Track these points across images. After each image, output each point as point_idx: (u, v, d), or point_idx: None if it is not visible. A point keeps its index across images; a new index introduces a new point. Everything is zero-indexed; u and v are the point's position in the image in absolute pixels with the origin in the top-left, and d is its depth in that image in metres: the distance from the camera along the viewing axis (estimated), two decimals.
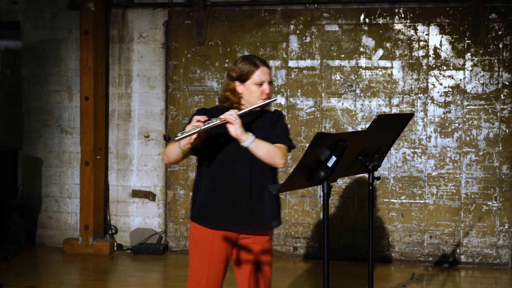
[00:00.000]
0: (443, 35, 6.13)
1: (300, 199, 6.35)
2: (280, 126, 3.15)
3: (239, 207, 3.06)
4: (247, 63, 3.12)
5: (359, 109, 6.27)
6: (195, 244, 3.15)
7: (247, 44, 6.41)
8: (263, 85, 3.10)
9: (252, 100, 3.11)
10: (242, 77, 3.11)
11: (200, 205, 3.12)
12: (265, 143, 3.00)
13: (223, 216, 3.07)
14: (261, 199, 3.08)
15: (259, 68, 3.10)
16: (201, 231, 3.12)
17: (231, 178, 3.06)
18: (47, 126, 6.77)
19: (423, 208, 6.18)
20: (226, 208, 3.06)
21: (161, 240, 6.64)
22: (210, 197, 3.09)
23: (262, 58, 3.19)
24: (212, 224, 3.09)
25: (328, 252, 2.72)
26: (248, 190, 3.06)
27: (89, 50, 6.35)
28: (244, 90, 3.12)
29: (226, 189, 3.06)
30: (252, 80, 3.09)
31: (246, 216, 3.07)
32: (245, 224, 3.08)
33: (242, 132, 2.93)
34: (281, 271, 5.91)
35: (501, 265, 6.07)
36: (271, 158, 3.00)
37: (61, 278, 5.70)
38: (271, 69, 3.16)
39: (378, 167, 3.07)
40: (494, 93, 6.06)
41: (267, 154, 2.99)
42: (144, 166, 6.66)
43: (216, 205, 3.08)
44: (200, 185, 3.14)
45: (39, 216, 6.83)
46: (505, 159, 6.05)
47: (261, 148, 2.98)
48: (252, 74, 3.09)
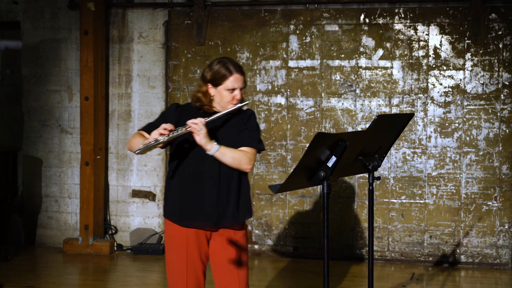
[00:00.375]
0: (443, 35, 6.13)
1: (300, 199, 6.35)
2: (250, 128, 3.20)
3: (208, 205, 3.12)
4: (222, 68, 3.15)
5: (359, 109, 6.27)
6: (171, 240, 3.21)
7: (247, 44, 6.41)
8: (235, 91, 3.15)
9: (223, 104, 3.16)
10: (215, 81, 3.15)
11: (171, 203, 3.19)
12: (231, 150, 3.08)
13: (192, 215, 3.14)
14: (228, 195, 3.14)
15: (232, 75, 3.14)
16: (174, 228, 3.19)
17: (199, 175, 3.12)
18: (47, 126, 6.78)
19: (423, 208, 6.18)
20: (195, 206, 3.13)
21: (161, 240, 6.64)
22: (179, 194, 3.16)
23: (237, 64, 3.21)
24: (179, 221, 3.16)
25: (328, 252, 2.73)
26: (216, 186, 3.12)
27: (89, 50, 6.35)
28: (216, 93, 3.16)
29: (193, 185, 3.13)
30: (224, 85, 3.14)
31: (211, 212, 3.12)
32: (214, 221, 3.14)
33: (206, 142, 3.00)
34: (281, 271, 5.91)
35: (501, 265, 6.07)
36: (237, 164, 3.08)
37: (61, 278, 5.70)
38: (245, 75, 3.21)
39: (378, 167, 3.07)
40: (494, 93, 6.06)
41: (232, 161, 3.07)
42: (144, 166, 6.66)
43: (186, 204, 3.14)
44: (171, 182, 3.20)
45: (39, 216, 6.83)
46: (505, 159, 6.05)
47: (226, 156, 3.05)
48: (225, 80, 3.13)
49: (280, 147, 6.37)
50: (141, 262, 6.19)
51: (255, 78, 6.40)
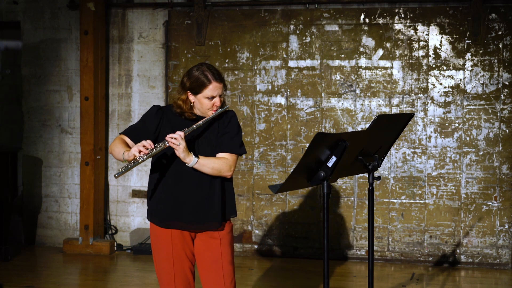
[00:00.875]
0: (443, 35, 6.13)
1: (300, 199, 6.35)
2: (231, 131, 3.22)
3: (186, 205, 3.15)
4: (201, 75, 3.16)
5: (359, 109, 6.27)
6: (156, 240, 3.23)
7: (247, 44, 6.41)
8: (214, 98, 3.17)
9: (203, 110, 3.19)
10: (194, 89, 3.18)
11: (154, 205, 3.22)
12: (210, 161, 3.12)
13: (170, 215, 3.17)
14: (210, 197, 3.16)
15: (211, 84, 3.15)
16: (157, 232, 3.22)
17: (179, 176, 3.15)
18: (47, 126, 6.77)
19: (423, 208, 6.18)
20: (177, 208, 3.16)
21: None
22: (161, 197, 3.19)
23: (216, 70, 3.22)
24: (160, 222, 3.20)
25: (328, 252, 2.73)
26: (197, 188, 3.15)
27: (89, 50, 6.35)
28: (196, 100, 3.20)
29: (174, 187, 3.16)
30: (203, 94, 3.16)
31: (192, 214, 3.15)
32: (191, 223, 3.17)
33: (185, 156, 3.03)
34: (281, 271, 5.91)
35: (501, 265, 6.07)
36: (217, 173, 3.13)
37: (61, 278, 5.70)
38: (224, 82, 3.23)
39: (378, 167, 3.07)
40: (494, 93, 6.06)
41: (212, 171, 3.11)
42: (144, 166, 6.65)
43: (165, 206, 3.18)
44: (152, 183, 3.24)
45: (39, 216, 6.83)
46: (505, 159, 6.05)
47: (205, 167, 3.10)
48: (203, 89, 3.15)
49: (280, 147, 6.37)
50: (141, 262, 6.19)
51: (255, 78, 6.40)
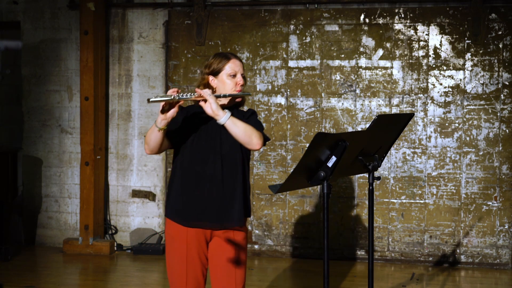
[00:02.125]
0: (443, 35, 6.13)
1: (300, 199, 6.35)
2: (252, 120, 3.16)
3: (210, 204, 3.08)
4: (219, 57, 3.15)
5: (359, 109, 6.27)
6: (171, 241, 3.17)
7: (247, 44, 6.41)
8: (236, 76, 3.12)
9: (226, 92, 3.11)
10: (214, 70, 3.13)
11: (173, 202, 3.15)
12: (242, 122, 2.98)
13: (194, 214, 3.10)
14: (232, 196, 3.10)
15: (230, 60, 3.13)
16: (176, 228, 3.15)
17: (202, 175, 3.09)
18: (47, 126, 6.78)
19: (423, 208, 6.18)
20: (197, 205, 3.09)
21: (161, 240, 6.64)
22: (182, 194, 3.12)
23: (235, 53, 3.21)
24: (183, 221, 3.12)
25: (328, 252, 2.73)
26: (220, 187, 3.08)
27: (89, 50, 6.35)
28: (218, 83, 3.13)
29: (197, 186, 3.09)
30: (225, 71, 3.11)
31: (216, 213, 3.09)
32: (215, 221, 3.11)
33: (217, 108, 2.89)
34: (281, 271, 5.91)
35: (501, 265, 6.07)
36: (249, 136, 2.95)
37: (61, 278, 5.70)
38: (243, 64, 3.19)
39: (378, 167, 3.07)
40: (494, 93, 6.06)
41: (244, 132, 2.94)
42: (144, 166, 6.66)
43: (187, 202, 3.11)
44: (174, 181, 3.16)
45: (39, 216, 6.83)
46: (505, 159, 6.05)
47: (238, 126, 2.93)
48: (224, 66, 3.11)
49: (280, 147, 6.37)
50: (141, 262, 6.19)
51: (255, 78, 6.40)
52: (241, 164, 3.14)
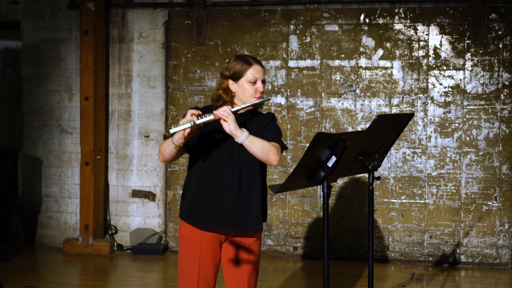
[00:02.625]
0: (443, 35, 6.13)
1: (300, 199, 6.35)
2: (272, 127, 3.13)
3: (227, 209, 3.05)
4: (241, 61, 3.09)
5: (359, 109, 6.27)
6: (184, 242, 3.14)
7: (247, 44, 6.41)
8: (256, 83, 3.08)
9: (245, 98, 3.07)
10: (235, 75, 3.08)
11: (189, 204, 3.12)
12: (260, 139, 2.98)
13: (210, 218, 3.07)
14: (250, 202, 3.08)
15: (252, 66, 3.07)
16: (190, 229, 3.12)
17: (220, 180, 3.05)
18: (47, 126, 6.78)
19: (423, 208, 6.18)
20: (214, 209, 3.06)
21: (161, 240, 6.64)
22: (198, 197, 3.09)
23: (256, 57, 3.16)
24: (199, 224, 3.09)
25: (328, 252, 2.73)
26: (237, 192, 3.05)
27: (89, 50, 6.35)
28: (238, 88, 3.08)
29: (215, 190, 3.06)
30: (246, 78, 3.06)
31: (233, 218, 3.06)
32: (231, 226, 3.08)
33: (236, 128, 2.90)
34: (281, 271, 5.91)
35: (501, 265, 6.07)
36: (266, 154, 2.97)
37: (61, 278, 5.70)
38: (264, 69, 3.14)
39: (378, 167, 3.07)
40: (494, 93, 6.06)
41: (261, 150, 2.96)
42: (144, 166, 6.66)
43: (204, 206, 3.07)
44: (190, 184, 3.13)
45: (39, 216, 6.83)
46: (505, 159, 6.05)
47: (255, 144, 2.95)
48: (245, 71, 3.06)
49: None
50: (141, 262, 6.19)
51: None
52: (259, 169, 3.11)
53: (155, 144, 6.62)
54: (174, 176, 6.55)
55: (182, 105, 6.51)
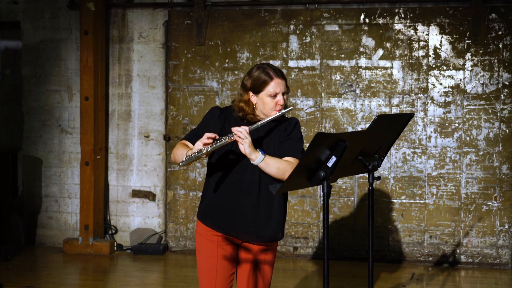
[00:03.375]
0: (443, 35, 6.13)
1: (300, 199, 6.35)
2: (294, 137, 3.12)
3: (246, 216, 3.04)
4: (262, 73, 3.05)
5: (359, 109, 6.27)
6: (202, 239, 3.14)
7: (247, 44, 6.41)
8: (277, 96, 3.05)
9: (266, 111, 3.06)
10: (255, 88, 3.06)
11: (207, 207, 3.11)
12: (275, 160, 2.97)
13: (228, 223, 3.06)
14: (269, 211, 3.06)
15: (273, 80, 3.04)
16: (207, 229, 3.13)
17: (240, 184, 3.04)
18: (47, 126, 6.78)
19: (423, 208, 6.18)
20: (232, 214, 3.05)
21: (161, 240, 6.64)
22: (217, 200, 3.07)
23: (278, 68, 3.12)
24: (216, 227, 3.09)
25: (328, 252, 2.73)
26: (256, 198, 3.04)
27: (89, 50, 6.35)
28: (258, 101, 3.07)
29: (234, 194, 3.05)
30: (266, 92, 3.04)
31: (251, 226, 3.05)
32: (250, 233, 3.06)
33: (251, 151, 2.89)
34: (281, 271, 5.91)
35: (501, 265, 6.07)
36: (282, 174, 2.97)
37: (61, 278, 5.70)
38: (286, 80, 3.11)
39: (378, 167, 3.07)
40: (494, 93, 6.06)
41: (277, 171, 2.96)
42: (144, 166, 6.66)
43: (223, 210, 3.06)
44: (209, 187, 3.12)
45: (39, 216, 6.83)
46: (505, 159, 6.05)
47: (271, 166, 2.95)
48: (266, 86, 3.04)
49: None
50: (141, 262, 6.19)
51: None
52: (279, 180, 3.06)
53: (155, 144, 6.62)
54: (174, 176, 6.55)
55: (182, 105, 6.51)
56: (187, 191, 6.51)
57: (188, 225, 6.53)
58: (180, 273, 5.83)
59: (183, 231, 6.55)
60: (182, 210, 6.55)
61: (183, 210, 6.54)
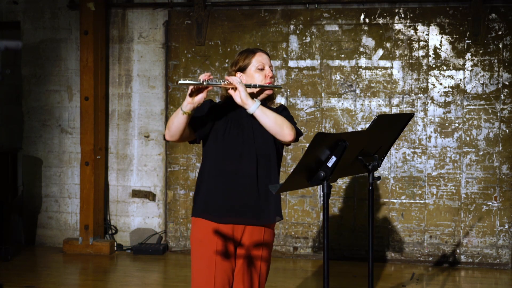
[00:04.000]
0: (443, 35, 6.13)
1: (300, 199, 6.35)
2: (285, 114, 3.06)
3: (245, 200, 2.99)
4: (244, 53, 3.10)
5: (359, 109, 6.27)
6: (199, 244, 3.06)
7: (247, 44, 6.40)
8: (264, 69, 3.05)
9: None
10: (241, 66, 3.06)
11: (204, 198, 3.04)
12: (272, 112, 2.91)
13: (228, 208, 2.99)
14: (267, 192, 3.02)
15: (256, 53, 3.07)
16: (204, 230, 3.04)
17: (237, 172, 2.99)
18: (47, 126, 6.78)
19: (423, 208, 6.18)
20: (232, 200, 2.99)
21: (161, 240, 6.64)
22: (214, 190, 3.01)
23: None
24: (215, 216, 3.01)
25: (328, 252, 2.72)
26: (255, 184, 2.99)
27: (89, 50, 6.35)
28: (247, 78, 3.05)
29: (231, 182, 2.99)
30: (252, 65, 3.05)
31: (251, 208, 3.00)
32: (250, 216, 3.01)
33: (247, 96, 2.84)
34: (281, 271, 5.91)
35: (501, 265, 6.07)
36: (279, 126, 2.88)
37: (61, 278, 5.70)
38: (269, 56, 3.12)
39: (378, 167, 3.07)
40: (494, 93, 6.06)
41: (274, 121, 2.87)
42: (144, 166, 6.66)
43: (221, 198, 3.00)
44: (203, 178, 3.06)
45: (39, 216, 6.83)
46: (505, 159, 6.05)
47: (268, 115, 2.87)
48: (250, 60, 3.05)
49: None
50: (141, 262, 6.19)
51: None
52: (275, 161, 3.07)
53: (155, 144, 6.62)
54: (174, 176, 6.55)
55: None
56: (187, 191, 6.51)
57: (188, 225, 6.53)
58: (180, 273, 5.83)
59: (183, 231, 6.55)
60: (182, 210, 6.55)
61: (183, 210, 6.54)
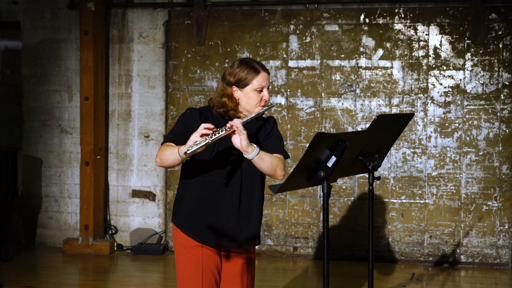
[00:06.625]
0: (443, 35, 6.13)
1: (300, 199, 6.35)
2: (275, 135, 3.03)
3: (227, 223, 2.94)
4: (246, 68, 2.94)
5: (359, 109, 6.27)
6: (183, 250, 3.02)
7: (247, 44, 6.41)
8: (262, 91, 2.95)
9: (249, 107, 2.94)
10: (240, 82, 2.93)
11: (187, 214, 2.99)
12: (268, 155, 2.86)
13: (209, 232, 2.95)
14: (249, 214, 2.97)
15: (259, 74, 2.93)
16: (188, 239, 3.00)
17: (220, 187, 2.93)
18: (47, 126, 6.78)
19: (423, 208, 6.18)
20: (213, 223, 2.94)
21: (161, 240, 6.64)
22: (197, 206, 2.96)
23: (260, 62, 3.03)
24: (197, 238, 2.97)
25: (328, 252, 2.73)
26: (237, 202, 2.94)
27: (89, 50, 6.35)
28: (242, 96, 2.93)
29: (214, 199, 2.94)
30: (252, 86, 2.92)
31: (232, 232, 2.96)
32: (231, 241, 2.98)
33: (247, 144, 2.76)
34: (281, 271, 5.91)
35: (501, 265, 6.07)
36: (274, 170, 2.87)
37: (61, 278, 5.70)
38: (269, 74, 3.03)
39: (378, 167, 3.07)
40: (494, 93, 6.06)
41: (270, 166, 2.85)
42: (144, 166, 6.66)
43: (203, 218, 2.95)
44: (187, 189, 3.00)
45: (39, 216, 6.83)
46: (505, 159, 6.05)
47: (265, 161, 2.83)
48: (252, 80, 2.92)
49: None
50: (141, 262, 6.19)
51: None
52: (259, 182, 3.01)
53: (155, 144, 6.62)
54: (174, 176, 6.55)
55: (182, 105, 6.51)
56: None
57: None
58: None
59: None
60: None
61: None
